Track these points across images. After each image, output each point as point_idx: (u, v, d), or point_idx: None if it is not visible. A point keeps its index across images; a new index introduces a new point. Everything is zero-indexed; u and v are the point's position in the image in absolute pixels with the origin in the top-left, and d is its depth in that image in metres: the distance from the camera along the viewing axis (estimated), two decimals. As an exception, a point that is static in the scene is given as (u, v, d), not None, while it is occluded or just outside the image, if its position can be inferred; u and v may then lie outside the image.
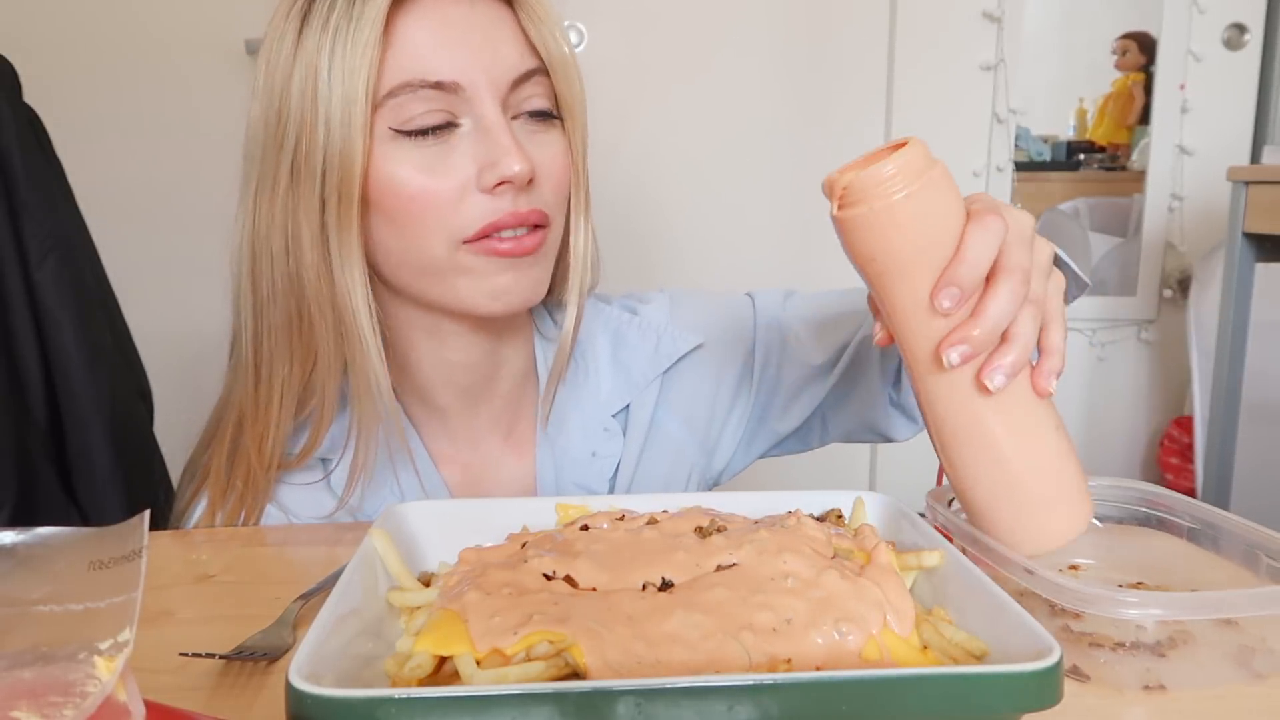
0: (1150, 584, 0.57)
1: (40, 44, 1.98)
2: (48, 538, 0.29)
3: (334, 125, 0.60)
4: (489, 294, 0.64)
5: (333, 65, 0.59)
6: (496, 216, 0.62)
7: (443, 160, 0.62)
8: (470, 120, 0.62)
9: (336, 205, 0.61)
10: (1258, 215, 1.55)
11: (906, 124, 2.04)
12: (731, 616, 0.39)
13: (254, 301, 0.67)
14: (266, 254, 0.65)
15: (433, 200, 0.62)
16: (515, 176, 0.61)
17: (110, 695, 0.28)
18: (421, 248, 0.63)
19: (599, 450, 0.76)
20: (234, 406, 0.71)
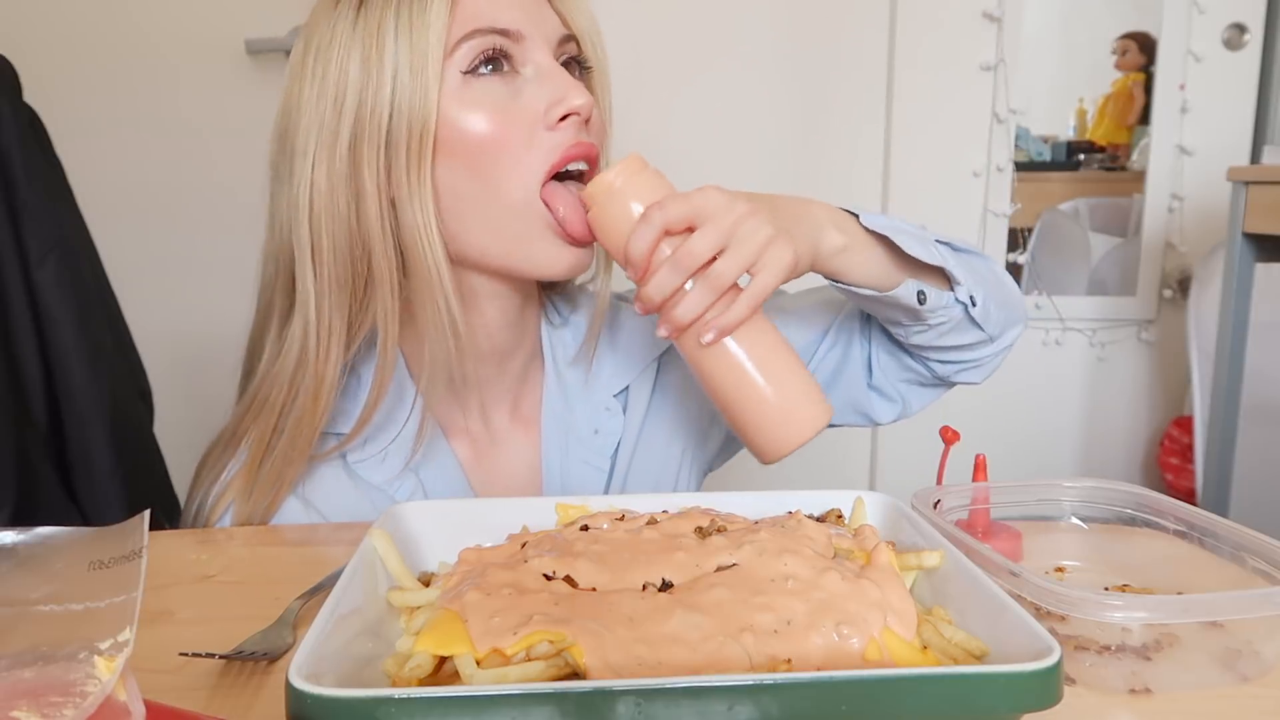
0: (1136, 586, 0.57)
1: (40, 44, 1.98)
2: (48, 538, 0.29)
3: (402, 81, 0.64)
4: (551, 258, 0.69)
5: (399, 26, 0.64)
6: (565, 149, 0.67)
7: (512, 101, 0.67)
8: (531, 67, 0.68)
9: (405, 154, 0.65)
10: (1258, 215, 1.55)
11: (906, 124, 2.04)
12: (732, 617, 0.39)
13: (314, 265, 0.69)
14: (329, 217, 0.67)
15: (506, 138, 0.66)
16: (581, 108, 0.67)
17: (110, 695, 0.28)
18: (499, 191, 0.67)
19: (601, 428, 0.80)
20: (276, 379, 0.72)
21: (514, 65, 0.68)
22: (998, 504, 0.62)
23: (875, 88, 2.03)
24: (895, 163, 2.07)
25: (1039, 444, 2.20)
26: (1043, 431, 2.20)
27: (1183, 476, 2.08)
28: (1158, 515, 0.59)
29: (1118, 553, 0.61)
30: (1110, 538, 0.62)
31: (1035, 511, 0.63)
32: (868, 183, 2.08)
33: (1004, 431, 2.17)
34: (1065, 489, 0.63)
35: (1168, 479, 2.13)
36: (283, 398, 0.71)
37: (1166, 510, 0.58)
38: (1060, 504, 0.63)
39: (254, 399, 0.74)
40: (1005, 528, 0.64)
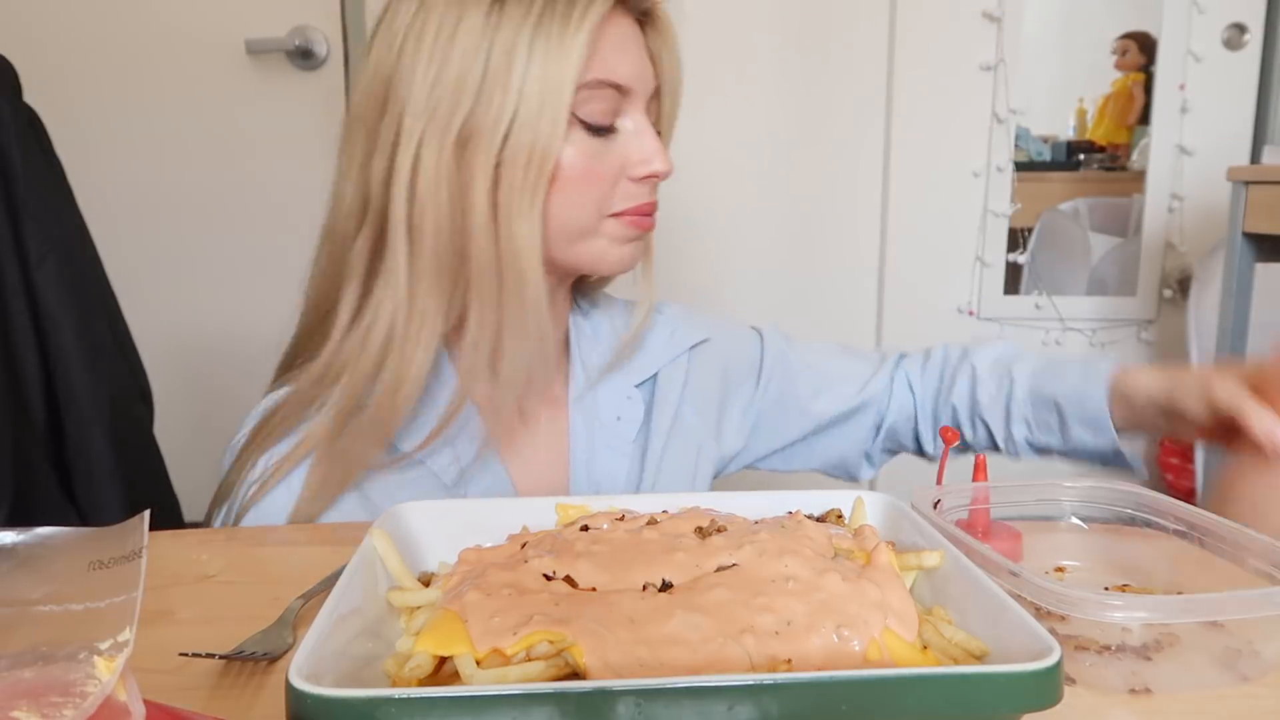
0: (1136, 586, 0.57)
1: (40, 44, 1.98)
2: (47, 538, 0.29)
3: (528, 105, 0.68)
4: (619, 257, 0.77)
5: (533, 52, 0.67)
6: (639, 202, 0.76)
7: (608, 150, 0.73)
8: (630, 120, 0.74)
9: (523, 174, 0.69)
10: (1258, 215, 1.55)
11: (906, 124, 2.04)
12: (732, 618, 0.39)
13: (409, 244, 0.71)
14: (433, 204, 0.70)
15: (596, 182, 0.73)
16: (662, 174, 0.75)
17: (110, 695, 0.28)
18: (576, 216, 0.74)
19: (623, 415, 0.85)
20: (360, 352, 0.73)
21: (615, 118, 0.74)
22: (998, 504, 0.62)
23: (875, 88, 2.03)
24: (895, 163, 2.07)
25: (1039, 444, 2.19)
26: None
27: (1183, 476, 2.08)
28: (1158, 515, 0.59)
29: (1118, 553, 0.61)
30: (1110, 538, 0.62)
31: (1035, 511, 0.63)
32: (868, 183, 2.08)
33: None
34: (1065, 489, 0.63)
35: (1168, 479, 2.13)
36: (366, 369, 0.72)
37: (1166, 510, 0.58)
38: (1060, 504, 0.63)
39: (329, 366, 0.74)
40: (1005, 528, 0.64)
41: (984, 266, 2.11)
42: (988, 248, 2.10)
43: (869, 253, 2.13)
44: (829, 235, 2.09)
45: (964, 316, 2.14)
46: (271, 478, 0.72)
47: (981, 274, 2.11)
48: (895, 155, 2.06)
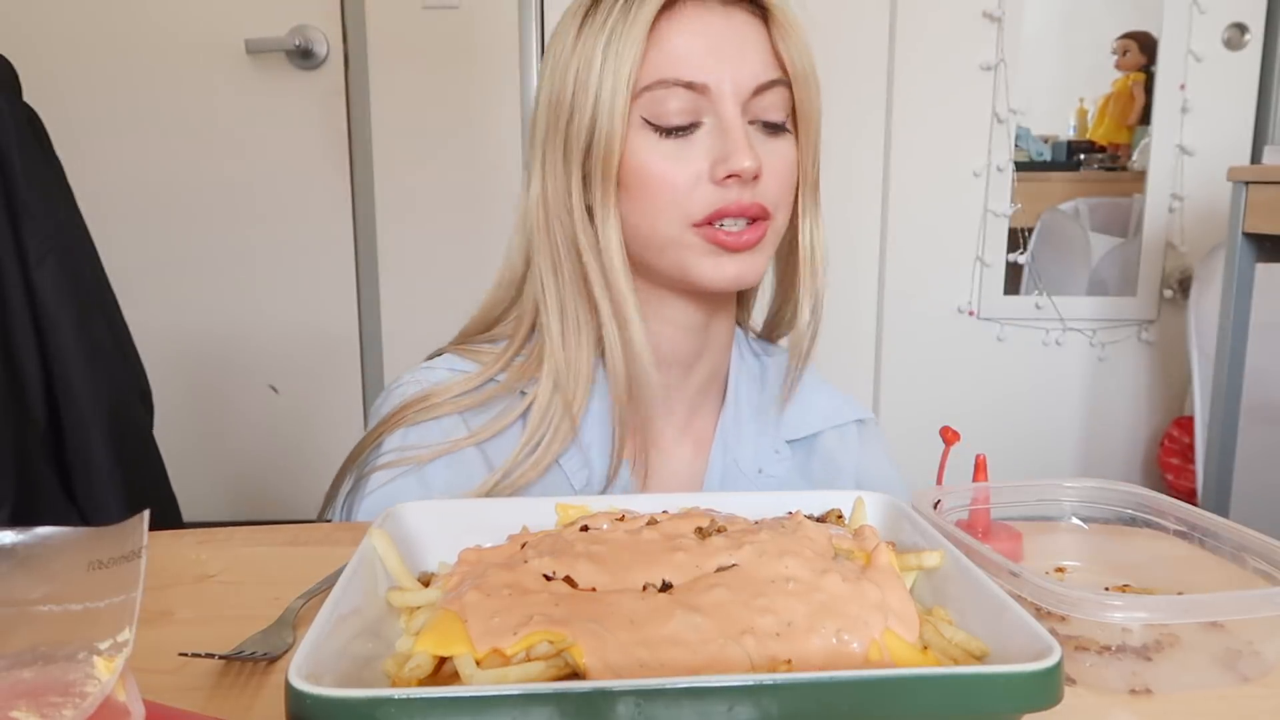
0: (1137, 586, 0.57)
1: (40, 44, 1.98)
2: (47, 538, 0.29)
3: (601, 110, 0.69)
4: (713, 269, 0.72)
5: (605, 58, 0.69)
6: (723, 204, 0.70)
7: (683, 151, 0.70)
8: (712, 119, 0.70)
9: (600, 178, 0.71)
10: (1258, 215, 1.55)
11: (906, 124, 2.04)
12: (732, 619, 0.39)
13: (552, 258, 0.75)
14: (556, 216, 0.74)
15: (670, 186, 0.70)
16: (744, 171, 0.68)
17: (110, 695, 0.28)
18: (655, 225, 0.72)
19: (766, 468, 0.81)
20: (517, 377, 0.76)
21: (696, 117, 0.70)
22: (998, 504, 0.62)
23: (875, 87, 2.03)
24: (895, 163, 2.06)
25: (1039, 444, 2.20)
26: (1043, 431, 2.20)
27: (1183, 476, 2.08)
28: (1158, 515, 0.59)
29: (1118, 553, 0.61)
30: (1112, 538, 0.61)
31: (1036, 512, 0.63)
32: (868, 183, 2.08)
33: (1004, 431, 2.17)
34: (1066, 489, 0.63)
35: (1168, 479, 2.13)
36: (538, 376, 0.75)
37: (1167, 510, 0.58)
38: (1060, 504, 0.63)
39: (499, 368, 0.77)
40: (1006, 528, 0.64)
41: (984, 266, 2.11)
42: (988, 248, 2.10)
43: (869, 253, 2.13)
44: (829, 235, 2.09)
45: (964, 316, 2.14)
46: (408, 460, 0.73)
47: (981, 274, 2.11)
48: (895, 155, 2.06)
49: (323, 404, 2.13)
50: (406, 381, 0.79)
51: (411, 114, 2.04)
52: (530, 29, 2.02)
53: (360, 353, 2.13)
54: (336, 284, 2.11)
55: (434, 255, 2.05)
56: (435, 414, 0.75)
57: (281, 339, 2.10)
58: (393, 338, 2.12)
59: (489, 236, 2.07)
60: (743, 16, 0.71)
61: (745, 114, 0.71)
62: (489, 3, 2.01)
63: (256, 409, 2.12)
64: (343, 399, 2.12)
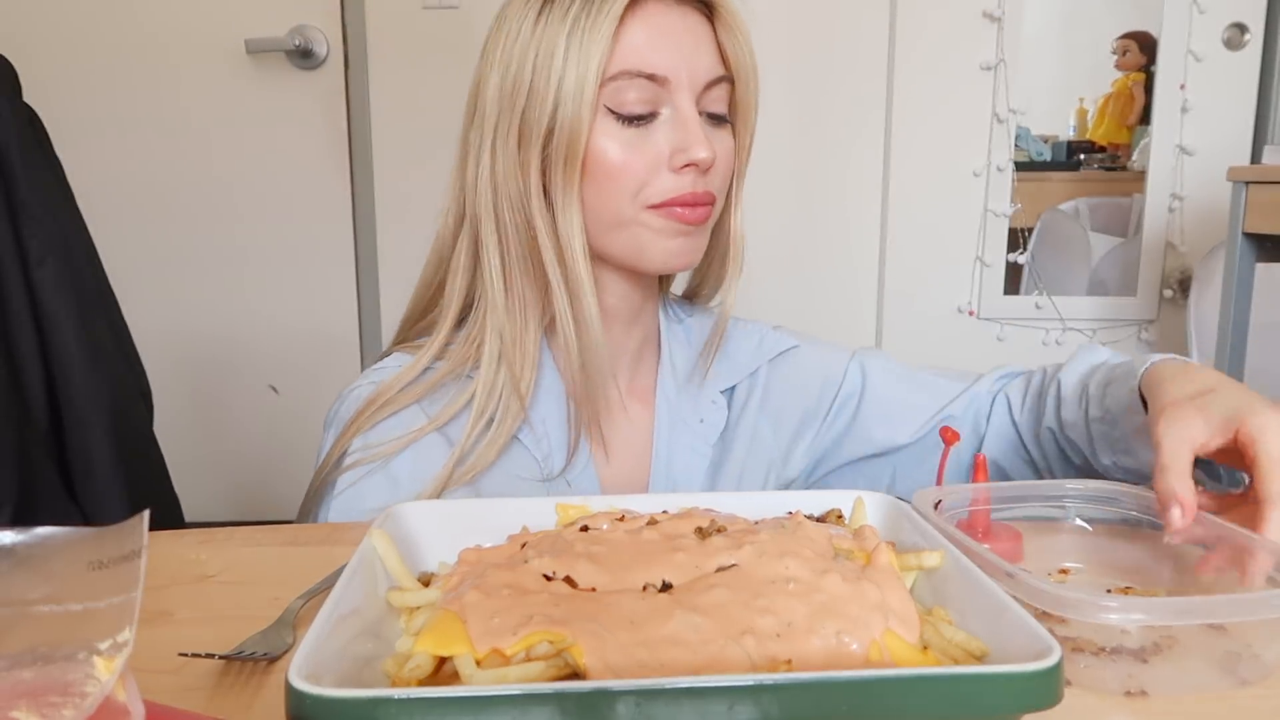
0: (1139, 588, 0.57)
1: (40, 44, 1.98)
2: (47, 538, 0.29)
3: (565, 98, 0.71)
4: (663, 251, 0.76)
5: (569, 49, 0.71)
6: (679, 193, 0.75)
7: (643, 139, 0.74)
8: (670, 110, 0.74)
9: (562, 166, 0.73)
10: (1258, 215, 1.55)
11: (906, 124, 2.04)
12: (733, 620, 0.39)
13: (499, 239, 0.77)
14: (505, 196, 0.75)
15: (631, 171, 0.74)
16: (702, 161, 0.73)
17: (110, 695, 0.28)
18: (612, 206, 0.75)
19: (706, 418, 0.87)
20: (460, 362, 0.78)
21: (655, 107, 0.74)
22: (998, 505, 0.62)
23: (875, 88, 2.03)
24: (895, 163, 2.06)
25: (1039, 444, 2.19)
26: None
27: (1183, 476, 2.07)
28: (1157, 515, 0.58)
29: (1122, 554, 0.61)
30: (1114, 539, 0.61)
31: (1037, 513, 0.63)
32: (868, 183, 2.08)
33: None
34: (1068, 490, 0.63)
35: (1168, 479, 2.12)
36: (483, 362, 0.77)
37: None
38: (1063, 506, 0.63)
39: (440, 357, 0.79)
40: (1006, 528, 0.64)
41: (984, 266, 2.11)
42: (988, 248, 2.10)
43: (869, 253, 2.13)
44: (829, 235, 2.09)
45: (964, 316, 2.14)
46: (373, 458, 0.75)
47: (981, 274, 2.11)
48: (895, 155, 2.06)
49: (323, 404, 2.12)
50: (359, 384, 0.82)
51: (411, 114, 2.04)
52: (530, 29, 2.02)
53: (360, 353, 2.13)
54: (336, 284, 2.11)
55: (434, 255, 2.05)
56: (390, 410, 0.77)
57: (281, 339, 2.10)
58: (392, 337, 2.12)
59: (489, 236, 2.06)
60: (695, 15, 0.76)
61: (697, 105, 0.75)
62: (489, 3, 2.00)
63: (256, 409, 2.12)
64: (343, 399, 2.12)
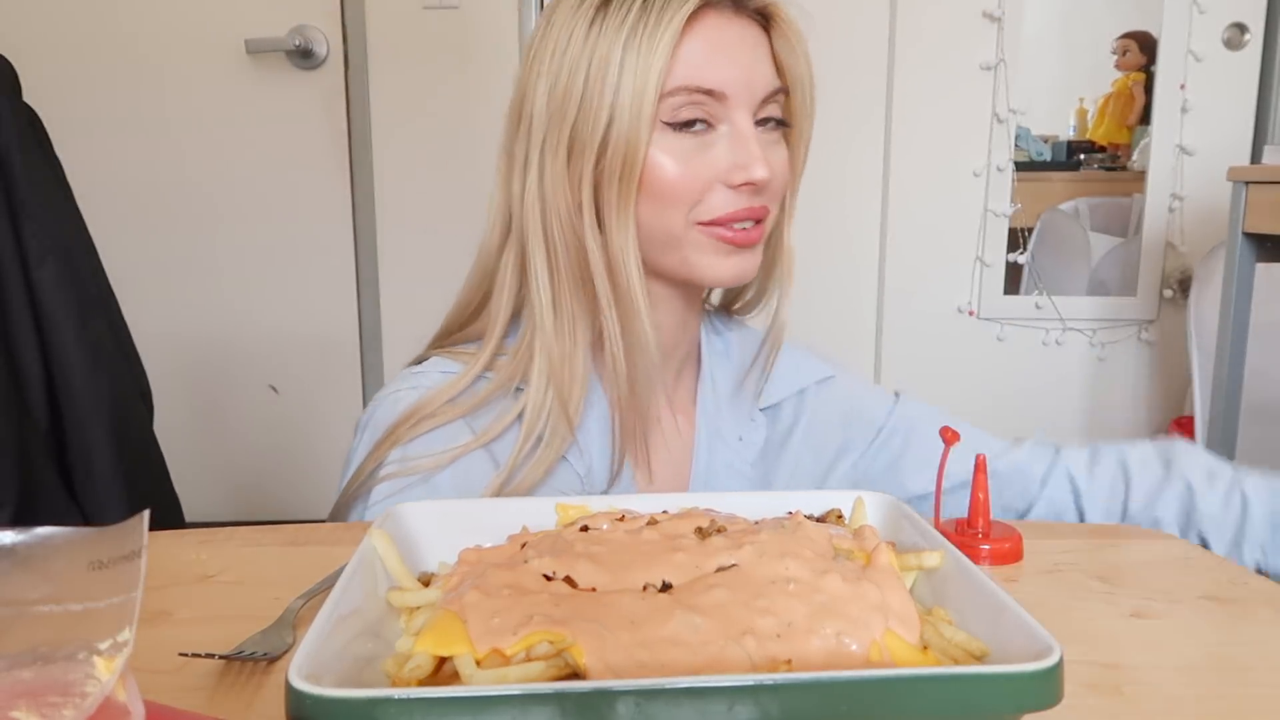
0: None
1: (40, 44, 1.98)
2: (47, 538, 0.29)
3: (621, 112, 0.69)
4: (714, 269, 0.75)
5: (625, 61, 0.69)
6: (733, 209, 0.73)
7: (700, 154, 0.72)
8: (727, 125, 0.72)
9: (618, 181, 0.71)
10: (1258, 215, 1.55)
11: (906, 124, 2.04)
12: (733, 620, 0.39)
13: (547, 256, 0.74)
14: (554, 211, 0.73)
15: (688, 188, 0.72)
16: (760, 181, 0.71)
17: (110, 695, 0.28)
18: (665, 223, 0.73)
19: (745, 435, 0.85)
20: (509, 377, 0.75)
21: (712, 123, 0.72)
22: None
23: (875, 88, 2.03)
24: (895, 163, 2.07)
25: (1039, 444, 2.19)
26: (1043, 432, 2.19)
27: (1183, 476, 2.07)
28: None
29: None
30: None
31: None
32: (868, 182, 2.08)
33: (1004, 431, 2.17)
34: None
35: (1168, 479, 2.12)
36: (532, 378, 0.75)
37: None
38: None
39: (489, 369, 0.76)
40: (1005, 527, 0.64)
41: (984, 266, 2.11)
42: (988, 248, 2.10)
43: (869, 252, 2.13)
44: (829, 235, 2.09)
45: (964, 316, 2.14)
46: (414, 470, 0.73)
47: (981, 274, 2.11)
48: (895, 155, 2.06)
49: (323, 404, 2.13)
50: (397, 389, 0.78)
51: (411, 114, 2.04)
52: (530, 29, 2.02)
53: (360, 353, 2.14)
54: (336, 284, 2.11)
55: (434, 255, 2.05)
56: (434, 423, 0.74)
57: (281, 339, 2.10)
58: (393, 338, 2.12)
59: (489, 236, 2.06)
60: (752, 26, 0.74)
61: (754, 119, 0.73)
62: (489, 3, 2.01)
63: (256, 409, 2.12)
64: (343, 399, 2.12)
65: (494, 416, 0.75)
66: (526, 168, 0.74)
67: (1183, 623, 0.52)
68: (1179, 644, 0.50)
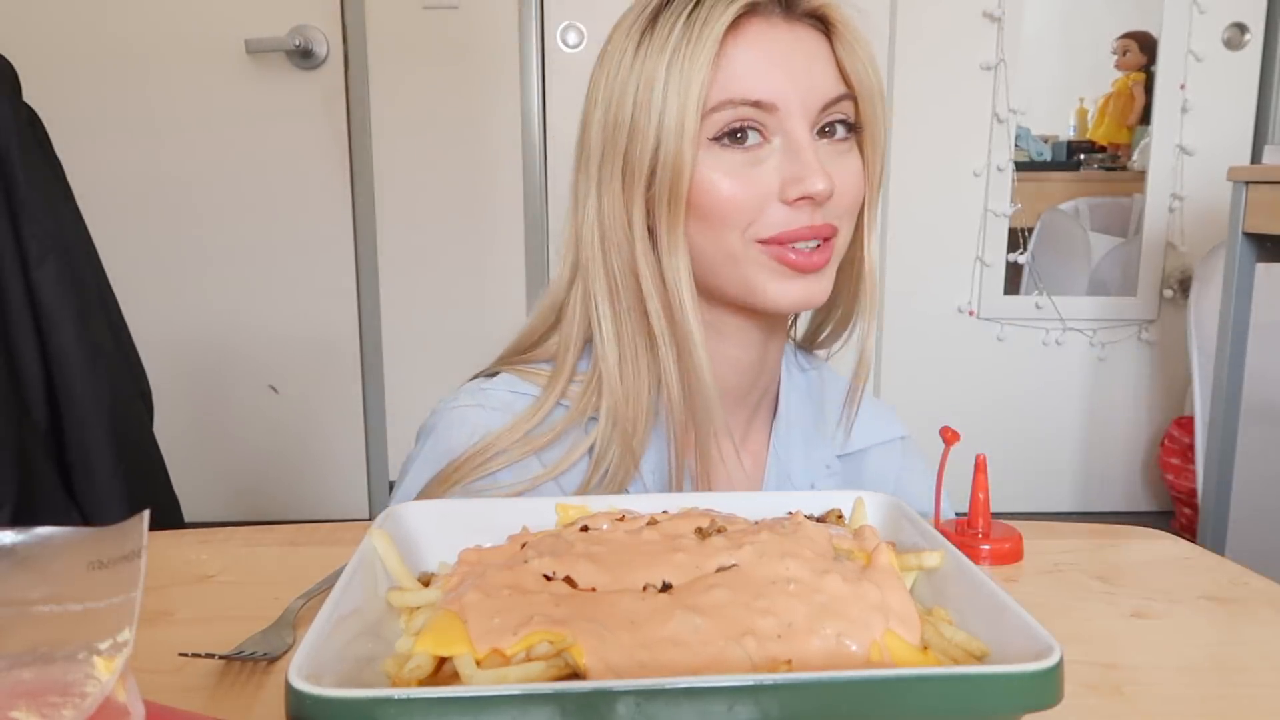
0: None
1: (40, 44, 1.98)
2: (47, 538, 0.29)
3: (666, 132, 0.67)
4: (778, 292, 0.70)
5: (669, 80, 0.66)
6: (792, 227, 0.68)
7: (753, 169, 0.68)
8: (781, 138, 0.68)
9: (667, 204, 0.68)
10: (1258, 215, 1.55)
11: (906, 124, 2.04)
12: (733, 620, 0.39)
13: (609, 289, 0.72)
14: (613, 243, 0.71)
15: (741, 204, 0.68)
16: (817, 194, 0.67)
17: (110, 695, 0.28)
18: (721, 244, 0.70)
19: (818, 484, 0.81)
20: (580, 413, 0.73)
21: (765, 135, 0.69)
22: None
23: (875, 88, 2.03)
24: (895, 163, 2.07)
25: (1039, 444, 2.20)
26: (1043, 432, 2.20)
27: (1183, 476, 2.08)
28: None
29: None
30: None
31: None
32: (868, 183, 2.08)
33: (1004, 432, 2.17)
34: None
35: (1168, 479, 2.13)
36: (601, 412, 0.72)
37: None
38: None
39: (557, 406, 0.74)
40: (1005, 527, 0.64)
41: (984, 266, 2.11)
42: (988, 248, 2.10)
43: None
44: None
45: (964, 316, 2.14)
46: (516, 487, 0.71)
47: (981, 274, 2.11)
48: (895, 155, 2.06)
49: (323, 404, 2.13)
50: (460, 403, 0.76)
51: (411, 114, 2.04)
52: (530, 29, 2.02)
53: (360, 353, 2.13)
54: (336, 284, 2.11)
55: (434, 255, 2.05)
56: (506, 462, 0.71)
57: (281, 339, 2.10)
58: (393, 338, 2.12)
59: (489, 237, 2.07)
60: (807, 32, 0.70)
61: (813, 128, 0.70)
62: (489, 3, 2.01)
63: (256, 409, 2.12)
64: (343, 399, 2.12)
65: (565, 449, 0.73)
66: (586, 200, 0.72)
67: (1183, 623, 0.52)
68: (1179, 644, 0.50)
